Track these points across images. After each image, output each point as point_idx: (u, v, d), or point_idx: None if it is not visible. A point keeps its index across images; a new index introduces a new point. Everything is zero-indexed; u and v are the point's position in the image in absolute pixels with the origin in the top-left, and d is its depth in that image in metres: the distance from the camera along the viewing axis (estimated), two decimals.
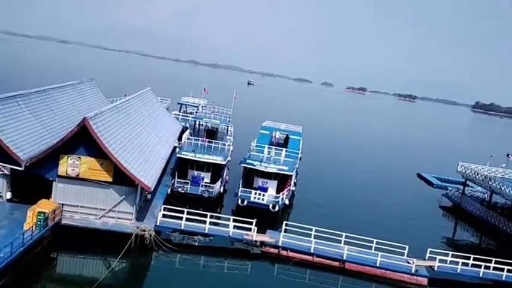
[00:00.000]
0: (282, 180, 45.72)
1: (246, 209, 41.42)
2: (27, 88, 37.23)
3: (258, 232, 34.56)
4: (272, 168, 44.74)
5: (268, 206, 41.86)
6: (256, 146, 50.75)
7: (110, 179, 31.61)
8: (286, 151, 49.31)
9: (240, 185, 44.06)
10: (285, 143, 56.43)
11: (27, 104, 34.97)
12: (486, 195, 57.37)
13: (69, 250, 30.57)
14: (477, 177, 54.93)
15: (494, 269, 34.82)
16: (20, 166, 30.13)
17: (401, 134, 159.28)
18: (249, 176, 46.49)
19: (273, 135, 57.96)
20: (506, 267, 34.68)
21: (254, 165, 44.89)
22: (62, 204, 31.08)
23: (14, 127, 31.57)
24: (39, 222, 27.99)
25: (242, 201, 42.14)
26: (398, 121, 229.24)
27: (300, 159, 53.06)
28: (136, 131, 39.02)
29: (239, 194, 42.77)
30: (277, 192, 44.59)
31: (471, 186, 60.87)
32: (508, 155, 56.83)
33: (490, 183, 51.87)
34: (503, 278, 34.64)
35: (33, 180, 32.52)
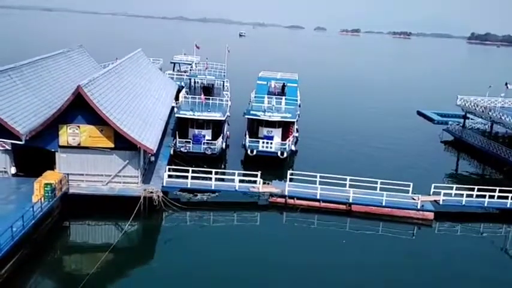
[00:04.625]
0: (286, 128, 46.45)
1: (254, 159, 42.23)
2: (17, 61, 36.57)
3: (264, 182, 34.97)
4: (276, 117, 45.32)
5: (277, 153, 42.77)
6: (255, 97, 50.70)
7: (112, 145, 31.59)
8: (285, 99, 49.34)
9: (246, 136, 44.52)
10: (282, 91, 56.21)
11: (20, 76, 34.43)
12: (487, 126, 57.48)
13: (79, 218, 30.98)
14: (477, 109, 54.83)
15: (499, 197, 35.37)
16: (21, 140, 30.03)
17: (399, 72, 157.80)
18: (253, 127, 47.14)
19: (270, 84, 57.58)
20: (510, 195, 35.15)
21: (258, 116, 45.53)
22: (67, 174, 31.24)
23: (9, 101, 31.17)
24: (47, 194, 28.23)
25: (251, 151, 42.87)
26: (394, 59, 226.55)
27: (299, 106, 53.05)
28: (132, 94, 38.66)
29: (247, 144, 43.41)
30: (283, 139, 45.25)
31: (471, 119, 60.74)
32: (506, 84, 56.22)
33: (490, 113, 51.84)
34: (508, 206, 35.27)
35: (35, 153, 32.56)
